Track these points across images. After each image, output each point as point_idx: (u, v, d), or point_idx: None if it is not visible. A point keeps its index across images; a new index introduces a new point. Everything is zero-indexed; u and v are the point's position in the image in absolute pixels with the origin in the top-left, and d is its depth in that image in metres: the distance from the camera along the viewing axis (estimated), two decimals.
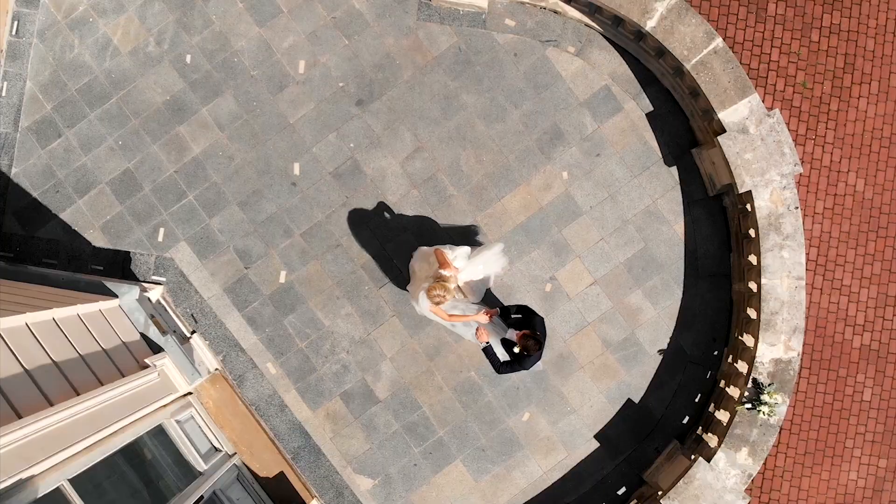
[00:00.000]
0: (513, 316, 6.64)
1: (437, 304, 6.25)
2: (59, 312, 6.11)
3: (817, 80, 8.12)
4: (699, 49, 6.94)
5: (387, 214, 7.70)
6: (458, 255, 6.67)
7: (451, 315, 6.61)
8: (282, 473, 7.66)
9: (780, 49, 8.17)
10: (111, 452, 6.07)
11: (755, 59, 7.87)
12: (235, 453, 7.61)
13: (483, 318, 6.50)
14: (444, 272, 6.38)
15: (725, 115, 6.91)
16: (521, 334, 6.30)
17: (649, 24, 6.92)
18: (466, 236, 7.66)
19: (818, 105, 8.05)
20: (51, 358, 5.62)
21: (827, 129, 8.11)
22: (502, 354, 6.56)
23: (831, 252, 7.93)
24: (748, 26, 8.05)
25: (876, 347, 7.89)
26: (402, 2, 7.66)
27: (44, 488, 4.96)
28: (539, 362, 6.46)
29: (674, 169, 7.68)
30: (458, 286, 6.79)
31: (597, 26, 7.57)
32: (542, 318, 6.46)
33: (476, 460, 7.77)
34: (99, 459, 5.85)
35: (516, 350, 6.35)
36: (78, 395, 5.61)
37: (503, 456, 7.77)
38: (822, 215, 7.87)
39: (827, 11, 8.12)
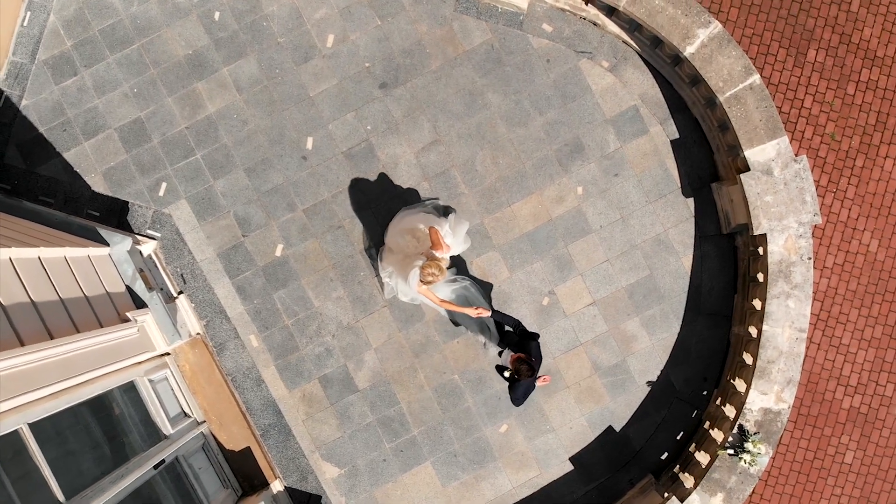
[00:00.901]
0: (506, 329, 6.50)
1: (430, 283, 6.07)
2: (46, 252, 5.95)
3: (846, 133, 8.00)
4: (735, 83, 6.78)
5: (394, 202, 7.53)
6: (446, 232, 6.51)
7: (442, 301, 6.44)
8: (248, 449, 7.50)
9: (813, 97, 8.04)
10: (77, 402, 5.91)
11: (787, 102, 7.74)
12: (204, 421, 7.44)
13: (473, 313, 6.34)
14: (438, 253, 6.19)
15: (752, 154, 6.75)
16: (516, 357, 6.17)
17: (688, 50, 6.75)
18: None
19: (843, 159, 7.93)
20: (29, 297, 5.45)
21: (849, 184, 7.98)
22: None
23: (834, 309, 7.80)
24: (785, 69, 7.93)
25: (865, 411, 7.75)
26: None
27: (1, 429, 4.79)
28: (530, 391, 6.38)
29: (690, 200, 7.52)
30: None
31: (634, 44, 7.41)
32: (538, 343, 6.32)
33: (446, 465, 7.61)
34: (64, 407, 5.69)
35: (506, 375, 6.24)
36: (52, 338, 5.45)
37: (474, 464, 7.61)
38: (830, 270, 7.74)
39: (866, 66, 7.98)
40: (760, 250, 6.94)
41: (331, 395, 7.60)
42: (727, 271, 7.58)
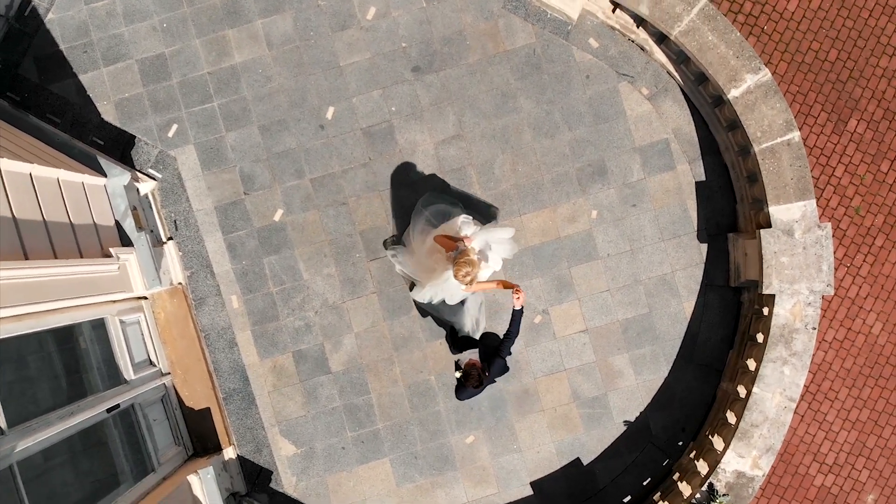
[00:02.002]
0: (484, 333, 6.27)
1: (472, 280, 5.64)
2: (40, 170, 5.73)
3: (871, 210, 7.84)
4: (773, 136, 6.57)
5: (403, 190, 7.32)
6: (461, 224, 6.18)
7: (496, 281, 6.06)
8: (208, 410, 7.28)
9: (846, 167, 7.88)
10: (41, 329, 5.69)
11: (818, 167, 7.57)
12: (169, 374, 7.22)
13: (515, 299, 5.96)
14: (462, 245, 5.82)
15: (776, 211, 6.54)
16: (473, 363, 5.95)
17: (733, 93, 6.54)
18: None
19: (864, 235, 7.78)
20: (11, 212, 5.23)
21: (864, 261, 7.84)
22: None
23: (825, 384, 7.63)
24: (823, 133, 7.78)
25: (836, 492, 7.57)
26: None
27: None
28: (472, 396, 6.19)
29: (704, 246, 7.31)
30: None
31: (678, 77, 7.20)
32: (503, 367, 6.09)
33: (405, 465, 7.39)
34: (25, 331, 5.47)
35: (457, 375, 6.03)
36: (26, 259, 5.23)
37: (433, 470, 7.39)
38: (829, 344, 7.58)
39: None
40: (765, 310, 6.73)
41: (302, 372, 7.38)
42: (727, 325, 7.37)
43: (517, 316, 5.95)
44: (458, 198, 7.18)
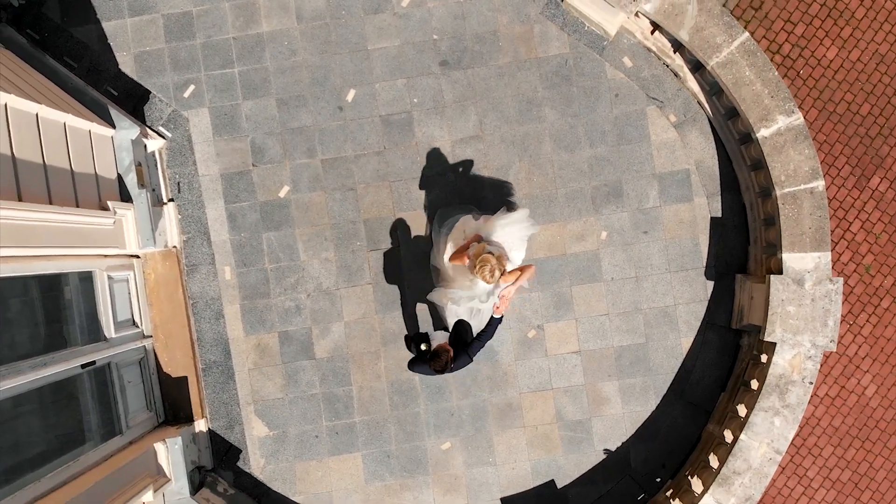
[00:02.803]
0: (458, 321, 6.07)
1: (498, 276, 5.32)
2: (47, 112, 5.57)
3: (882, 271, 7.73)
4: (797, 182, 6.41)
5: (414, 184, 7.17)
6: (465, 227, 5.96)
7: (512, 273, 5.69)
8: (185, 379, 7.12)
9: (862, 223, 7.76)
10: (26, 274, 5.54)
11: (835, 219, 7.44)
12: (151, 337, 7.06)
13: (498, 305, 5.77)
14: (478, 244, 5.53)
15: (789, 259, 6.38)
16: (446, 347, 5.71)
17: (762, 133, 6.39)
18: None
19: (871, 295, 7.66)
20: (11, 150, 5.08)
21: (868, 321, 7.73)
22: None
23: (811, 439, 7.50)
24: (844, 186, 7.66)
25: None
26: None
27: None
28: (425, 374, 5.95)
29: (710, 284, 7.15)
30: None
31: (708, 108, 7.04)
32: (466, 360, 5.84)
33: (377, 462, 7.24)
34: (9, 274, 5.31)
35: (423, 347, 5.80)
36: (19, 200, 5.07)
37: (404, 472, 7.24)
38: (820, 399, 7.46)
39: None
40: (764, 358, 6.58)
41: (285, 354, 7.23)
42: (722, 366, 7.21)
43: (495, 323, 5.78)
44: (469, 200, 7.03)
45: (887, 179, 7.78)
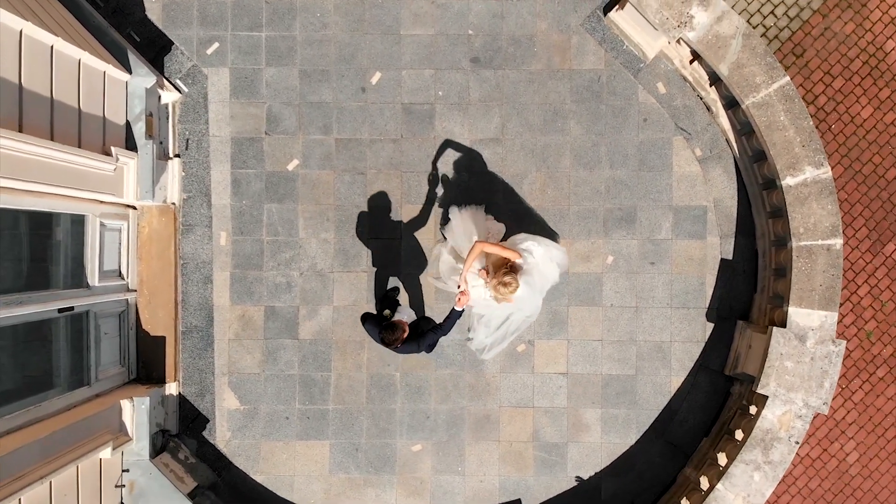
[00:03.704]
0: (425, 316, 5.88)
1: (513, 289, 5.26)
2: (63, 46, 5.40)
3: (883, 339, 7.61)
4: (815, 237, 6.24)
5: (426, 178, 6.99)
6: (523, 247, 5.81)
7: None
8: (163, 339, 6.95)
9: (871, 288, 7.62)
10: (17, 208, 5.36)
11: (844, 280, 7.29)
12: (135, 292, 6.89)
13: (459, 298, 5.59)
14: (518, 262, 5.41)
15: (795, 313, 6.21)
16: (405, 325, 5.47)
17: (788, 181, 6.22)
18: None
19: (868, 361, 7.54)
20: (20, 79, 4.90)
21: (861, 388, 7.59)
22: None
23: (785, 496, 7.35)
24: (858, 249, 7.52)
25: None
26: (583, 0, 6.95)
27: None
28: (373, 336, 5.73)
29: (710, 326, 6.98)
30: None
31: (735, 147, 6.87)
32: (417, 350, 5.62)
33: (344, 453, 7.06)
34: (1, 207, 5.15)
35: (386, 313, 5.72)
36: (20, 131, 4.90)
37: (370, 468, 7.07)
38: (800, 458, 7.31)
39: None
40: (753, 409, 6.41)
41: (268, 329, 7.05)
42: (709, 411, 7.04)
43: (454, 316, 5.60)
44: (480, 203, 6.87)
45: None
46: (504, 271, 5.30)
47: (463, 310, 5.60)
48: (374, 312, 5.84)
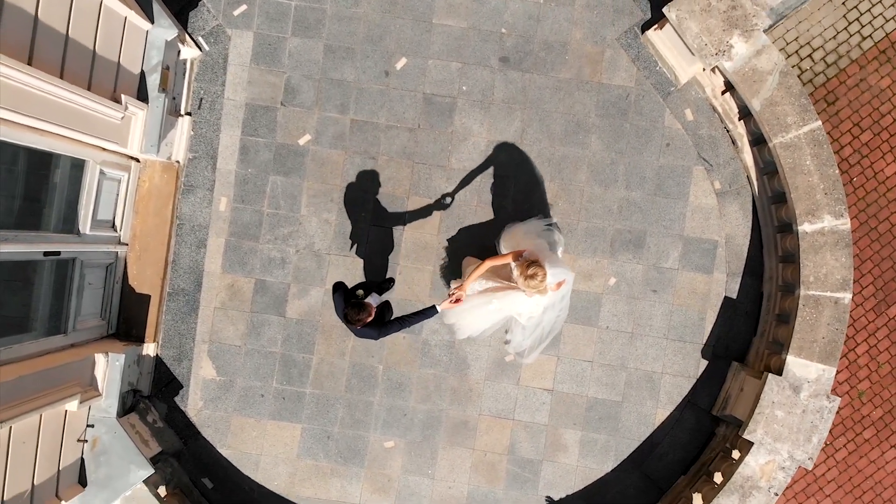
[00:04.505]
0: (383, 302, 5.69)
1: (539, 281, 5.12)
2: None
3: (874, 401, 7.51)
4: (825, 288, 6.09)
5: (437, 171, 6.83)
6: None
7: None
8: (148, 298, 6.79)
9: (870, 348, 7.52)
10: (17, 142, 5.20)
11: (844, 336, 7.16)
12: (126, 246, 6.72)
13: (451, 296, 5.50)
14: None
15: (793, 363, 6.06)
16: (373, 309, 5.27)
17: (805, 227, 6.06)
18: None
19: (856, 421, 7.45)
20: (36, 12, 4.73)
21: (845, 446, 7.50)
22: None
23: None
24: (862, 306, 7.46)
25: None
26: (622, 14, 6.76)
27: None
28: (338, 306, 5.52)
29: (703, 363, 6.82)
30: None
31: (756, 186, 6.71)
32: (375, 337, 5.40)
33: (314, 439, 6.90)
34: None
35: (360, 292, 5.45)
36: (29, 64, 4.73)
37: (339, 458, 6.91)
38: None
39: None
40: (736, 454, 6.25)
41: (256, 303, 6.89)
42: (690, 449, 6.88)
43: (428, 315, 5.43)
44: (489, 205, 6.71)
45: None
46: (525, 264, 5.13)
47: (437, 313, 5.45)
48: (347, 286, 5.62)
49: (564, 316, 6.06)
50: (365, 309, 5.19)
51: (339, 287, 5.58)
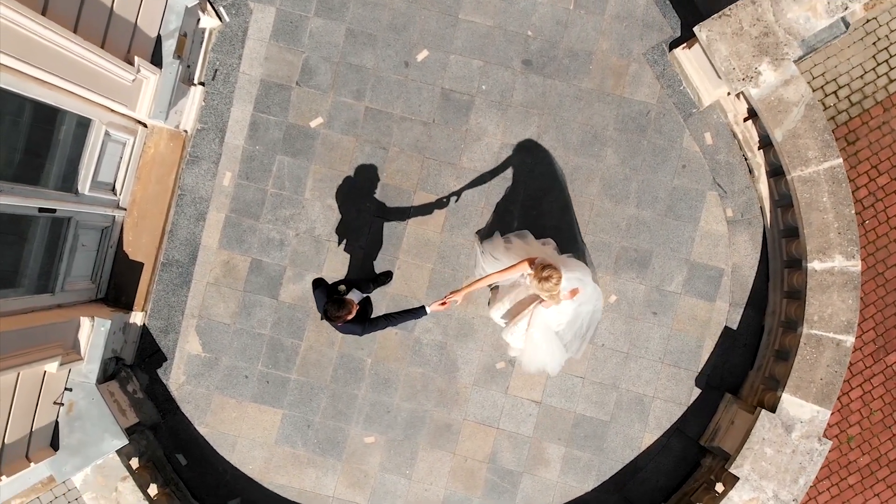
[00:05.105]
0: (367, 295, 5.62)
1: (551, 294, 5.12)
2: None
3: (863, 447, 7.44)
4: (826, 328, 5.97)
5: (447, 168, 6.70)
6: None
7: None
8: (141, 266, 6.67)
9: (864, 393, 7.45)
10: (23, 93, 5.08)
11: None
12: (124, 211, 6.60)
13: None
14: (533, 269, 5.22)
15: (788, 401, 5.94)
16: (355, 306, 5.16)
17: (814, 265, 5.94)
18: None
19: (843, 466, 7.42)
20: None
21: (828, 490, 7.46)
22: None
23: None
24: (861, 351, 7.46)
25: None
26: (652, 29, 6.64)
27: None
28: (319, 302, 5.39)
29: (696, 392, 6.70)
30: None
31: (768, 218, 6.58)
32: (359, 334, 5.31)
33: (294, 427, 6.78)
34: (6, 87, 4.86)
35: (342, 288, 5.31)
36: (43, 14, 4.61)
37: (317, 448, 6.79)
38: None
39: None
40: (719, 487, 6.13)
41: (250, 282, 6.77)
42: (673, 477, 6.76)
43: (418, 314, 5.35)
44: (494, 208, 6.59)
45: None
46: (539, 267, 5.05)
47: (426, 315, 5.35)
48: (328, 282, 5.49)
49: (601, 306, 5.97)
50: (345, 306, 5.05)
51: (319, 283, 5.45)
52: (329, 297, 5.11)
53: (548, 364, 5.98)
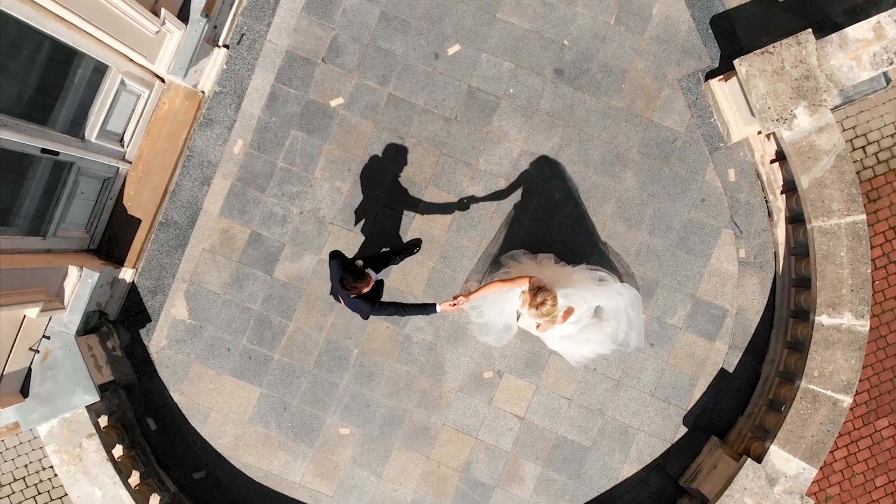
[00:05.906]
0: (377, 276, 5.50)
1: (552, 305, 4.96)
2: None
3: None
4: (827, 385, 5.82)
5: (461, 167, 6.55)
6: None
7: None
8: (138, 222, 6.52)
9: (848, 455, 7.41)
10: (42, 29, 4.93)
11: None
12: (129, 164, 6.45)
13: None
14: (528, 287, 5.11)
15: (775, 454, 5.78)
16: (372, 280, 5.06)
17: (822, 319, 5.78)
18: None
19: None
20: None
21: None
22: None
23: None
24: (852, 412, 7.34)
25: None
26: (690, 56, 6.48)
27: None
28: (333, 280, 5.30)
29: (682, 430, 6.54)
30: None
31: (781, 265, 6.43)
32: (365, 315, 5.21)
33: (271, 408, 6.63)
34: (26, 19, 4.71)
35: (359, 262, 5.20)
36: None
37: (290, 432, 6.64)
38: None
39: None
40: None
41: (245, 255, 6.61)
42: None
43: (428, 310, 5.22)
44: (505, 215, 6.44)
45: (894, 427, 7.30)
46: (532, 292, 4.90)
47: (435, 312, 5.23)
48: (347, 256, 5.38)
49: (635, 292, 5.77)
50: (364, 278, 4.97)
51: (337, 254, 5.33)
52: (349, 279, 4.99)
53: (587, 355, 5.89)
